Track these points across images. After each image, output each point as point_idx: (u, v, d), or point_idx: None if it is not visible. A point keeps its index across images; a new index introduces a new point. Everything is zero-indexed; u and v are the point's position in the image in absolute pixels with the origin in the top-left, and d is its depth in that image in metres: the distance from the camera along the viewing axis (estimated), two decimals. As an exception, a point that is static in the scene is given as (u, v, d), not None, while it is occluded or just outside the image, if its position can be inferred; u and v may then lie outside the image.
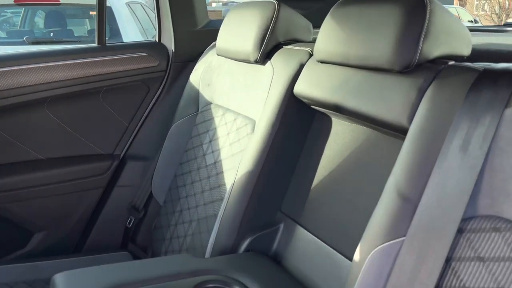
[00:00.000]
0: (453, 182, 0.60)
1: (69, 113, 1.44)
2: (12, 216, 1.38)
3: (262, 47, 1.08)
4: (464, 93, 0.63)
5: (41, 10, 5.33)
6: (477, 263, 0.57)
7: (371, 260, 0.64)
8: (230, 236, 0.99)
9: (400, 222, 0.63)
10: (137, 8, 5.17)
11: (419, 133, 0.66)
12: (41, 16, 5.41)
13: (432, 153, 0.63)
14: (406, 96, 0.71)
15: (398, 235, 0.63)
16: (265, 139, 0.98)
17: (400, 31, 0.72)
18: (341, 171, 0.89)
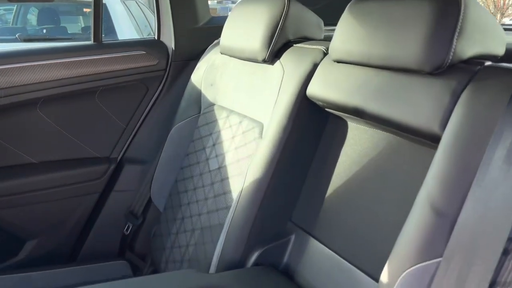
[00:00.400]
0: (497, 197, 0.54)
1: (63, 114, 1.37)
2: (2, 223, 1.31)
3: (271, 46, 1.01)
4: (507, 98, 0.57)
5: (34, 7, 5.22)
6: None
7: (402, 283, 0.58)
8: (237, 248, 0.92)
9: (436, 241, 0.57)
10: (132, 5, 5.07)
11: (455, 141, 0.60)
12: (34, 13, 5.30)
13: (471, 164, 0.57)
14: (437, 99, 0.65)
15: (434, 255, 0.57)
16: (276, 144, 0.91)
17: (431, 28, 0.66)
18: (359, 179, 0.83)
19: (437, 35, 0.65)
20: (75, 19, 5.59)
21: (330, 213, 0.88)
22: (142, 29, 5.19)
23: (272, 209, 0.93)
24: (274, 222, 0.94)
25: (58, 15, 5.16)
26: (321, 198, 0.90)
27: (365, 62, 0.77)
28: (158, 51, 1.44)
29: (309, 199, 0.93)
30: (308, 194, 0.94)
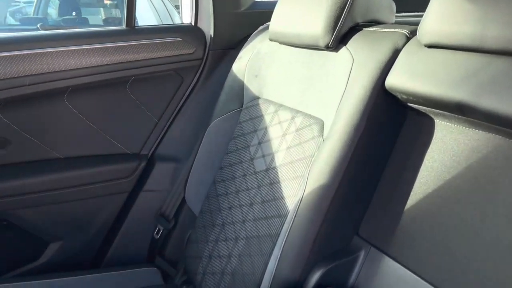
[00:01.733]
0: None
1: (91, 106, 1.25)
2: (24, 224, 1.20)
3: (337, 29, 0.87)
4: None
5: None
6: None
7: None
8: (296, 265, 0.79)
9: None
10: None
11: None
12: (54, 7, 5.26)
13: None
14: None
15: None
16: (346, 145, 0.77)
17: None
18: (453, 190, 0.68)
19: None
20: (96, 11, 5.54)
21: (411, 228, 0.73)
22: (164, 21, 5.10)
23: (339, 221, 0.79)
24: (339, 236, 0.80)
25: (79, 6, 5.11)
26: (398, 210, 0.76)
27: (475, 47, 0.62)
28: (195, 38, 1.31)
29: (382, 211, 0.79)
30: (380, 205, 0.80)
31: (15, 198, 1.16)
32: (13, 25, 4.96)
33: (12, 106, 1.15)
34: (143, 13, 4.44)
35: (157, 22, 4.61)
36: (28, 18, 5.09)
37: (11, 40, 1.13)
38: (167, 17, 5.47)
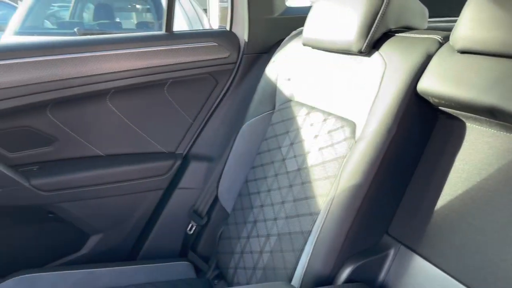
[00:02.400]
0: None
1: (131, 106, 1.32)
2: (68, 217, 1.28)
3: (369, 35, 0.90)
4: None
5: (90, 3, 5.37)
6: None
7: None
8: (327, 261, 0.82)
9: None
10: (184, 1, 5.12)
11: None
12: (88, 12, 5.47)
13: None
14: None
15: None
16: (378, 146, 0.81)
17: None
18: (483, 191, 0.70)
19: None
20: (129, 15, 5.73)
21: (442, 228, 0.76)
22: (193, 24, 5.24)
23: (369, 219, 0.82)
24: (370, 234, 0.83)
25: (113, 11, 5.30)
26: (428, 211, 0.78)
27: (506, 52, 0.65)
28: (229, 42, 1.37)
29: (412, 211, 0.82)
30: (411, 205, 0.82)
31: (61, 192, 1.24)
32: (51, 29, 5.18)
33: (59, 106, 1.23)
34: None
35: (186, 25, 4.74)
36: (65, 22, 5.31)
37: (60, 44, 1.21)
38: (196, 20, 5.61)
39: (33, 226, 1.28)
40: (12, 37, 4.33)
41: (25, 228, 1.27)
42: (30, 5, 4.60)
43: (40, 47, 1.18)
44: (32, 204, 1.22)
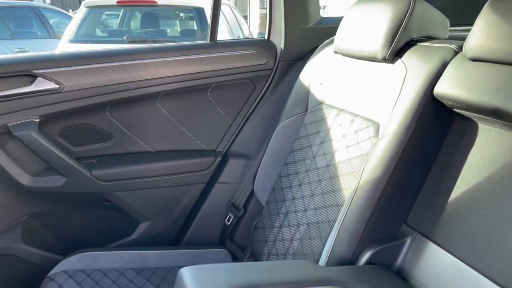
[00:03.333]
0: None
1: (178, 108, 1.47)
2: (122, 205, 1.44)
3: (393, 44, 1.00)
4: None
5: (137, 12, 5.69)
6: None
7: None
8: (349, 246, 0.92)
9: None
10: (226, 9, 5.33)
11: None
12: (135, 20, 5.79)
13: None
14: None
15: None
16: (397, 143, 0.90)
17: None
18: (490, 185, 0.78)
19: None
20: (173, 23, 6.00)
21: (454, 218, 0.84)
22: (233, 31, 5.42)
23: (388, 209, 0.92)
24: (388, 223, 0.93)
25: (158, 19, 5.58)
26: (443, 202, 0.87)
27: (509, 60, 0.73)
28: (267, 50, 1.50)
29: (428, 202, 0.90)
30: (427, 197, 0.91)
31: (115, 182, 1.41)
32: (101, 37, 5.54)
33: (117, 107, 1.40)
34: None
35: (227, 31, 4.92)
36: (115, 31, 5.66)
37: (119, 52, 1.38)
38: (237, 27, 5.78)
39: (92, 212, 1.46)
40: (67, 45, 4.69)
41: (86, 213, 1.45)
42: (83, 16, 4.95)
43: (101, 55, 1.36)
44: (92, 192, 1.39)
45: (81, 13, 4.96)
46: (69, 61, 1.32)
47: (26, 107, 1.27)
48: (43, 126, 1.32)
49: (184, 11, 5.51)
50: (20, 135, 1.27)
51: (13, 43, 6.13)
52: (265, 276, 0.77)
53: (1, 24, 6.59)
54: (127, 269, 1.26)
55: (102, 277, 1.20)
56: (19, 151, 1.31)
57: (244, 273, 0.76)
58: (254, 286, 0.73)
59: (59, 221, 1.43)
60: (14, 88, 1.26)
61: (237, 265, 0.82)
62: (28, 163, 1.33)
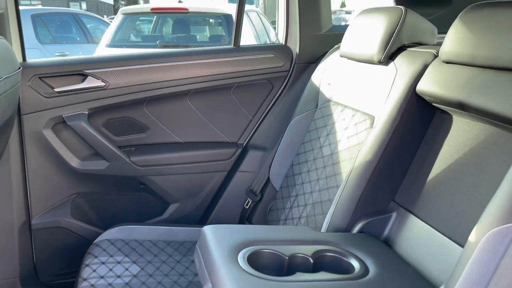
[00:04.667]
0: None
1: (205, 105, 1.68)
2: (155, 188, 1.66)
3: (387, 49, 1.17)
4: None
5: (169, 18, 6.00)
6: None
7: (484, 243, 0.70)
8: (344, 217, 1.10)
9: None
10: (254, 16, 5.55)
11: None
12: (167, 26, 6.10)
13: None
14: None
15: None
16: (385, 132, 1.07)
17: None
18: (459, 165, 0.94)
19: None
20: (203, 29, 6.27)
21: (430, 195, 1.00)
22: (260, 36, 5.64)
23: (377, 188, 1.09)
24: (378, 200, 1.10)
25: (189, 25, 5.87)
26: (423, 182, 1.03)
27: (471, 62, 0.89)
28: (284, 54, 1.69)
29: (412, 183, 1.07)
30: (411, 179, 1.07)
31: (150, 168, 1.63)
32: (136, 42, 5.87)
33: (152, 102, 1.62)
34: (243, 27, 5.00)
35: (253, 37, 5.14)
36: (148, 36, 6.00)
37: (154, 55, 1.61)
38: (263, 32, 5.99)
39: (130, 193, 1.69)
40: (104, 49, 5.03)
41: (124, 194, 1.68)
42: (119, 23, 5.29)
43: (141, 57, 1.59)
44: (130, 175, 1.61)
45: (118, 20, 5.30)
46: (114, 62, 1.55)
47: (78, 101, 1.51)
48: (91, 118, 1.56)
49: (213, 17, 5.78)
50: (73, 124, 1.51)
51: (54, 47, 6.56)
52: (271, 235, 0.95)
53: (43, 29, 7.05)
54: (159, 240, 1.48)
55: (138, 246, 1.42)
56: (71, 138, 1.55)
57: (254, 232, 0.95)
58: (260, 241, 0.92)
59: (102, 200, 1.66)
60: (68, 85, 1.50)
61: (249, 226, 1.00)
62: (78, 149, 1.56)
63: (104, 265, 1.29)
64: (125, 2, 26.89)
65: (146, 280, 1.25)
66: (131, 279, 1.25)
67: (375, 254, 0.95)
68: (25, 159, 1.51)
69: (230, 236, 0.93)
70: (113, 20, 5.63)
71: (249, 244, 0.91)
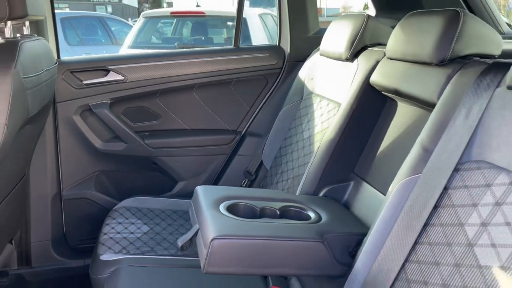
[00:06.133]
0: (456, 137, 0.88)
1: (208, 97, 1.96)
2: (165, 167, 1.95)
3: (352, 49, 1.42)
4: (474, 79, 0.90)
5: (188, 21, 6.34)
6: (464, 189, 0.84)
7: (395, 190, 0.94)
8: (312, 185, 1.35)
9: (419, 164, 0.92)
10: (268, 18, 5.82)
11: (442, 106, 0.94)
12: (187, 28, 6.43)
13: (447, 118, 0.91)
14: (439, 81, 0.99)
15: (417, 172, 0.92)
16: (345, 116, 1.32)
17: (439, 35, 1.00)
18: (398, 139, 1.19)
19: (442, 40, 0.99)
20: (220, 31, 6.58)
21: (379, 164, 1.25)
22: (273, 37, 5.90)
23: (338, 161, 1.34)
24: (340, 171, 1.34)
25: (207, 28, 6.18)
26: (374, 155, 1.28)
27: (403, 58, 1.14)
28: (277, 54, 1.95)
29: (367, 157, 1.31)
30: (367, 153, 1.32)
31: (161, 149, 1.92)
32: (156, 43, 6.23)
33: (164, 94, 1.91)
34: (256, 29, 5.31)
35: (267, 39, 5.40)
36: (168, 38, 6.35)
37: (166, 54, 1.90)
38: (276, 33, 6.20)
39: (144, 171, 1.98)
40: (127, 51, 5.39)
41: (139, 171, 1.97)
42: (141, 26, 5.65)
43: (154, 56, 1.88)
44: (144, 156, 1.91)
45: (140, 23, 5.66)
46: (132, 59, 1.85)
47: (101, 92, 1.81)
48: (112, 106, 1.86)
49: (230, 20, 6.07)
50: (97, 112, 1.81)
51: (81, 49, 6.99)
52: (249, 194, 1.21)
53: (72, 31, 7.50)
54: (166, 209, 1.76)
55: (149, 212, 1.71)
56: (95, 123, 1.85)
57: (235, 191, 1.21)
58: (239, 197, 1.18)
59: (120, 176, 1.96)
60: (94, 79, 1.80)
61: (232, 188, 1.27)
62: (101, 132, 1.86)
63: (120, 224, 1.58)
64: (149, 5, 27.61)
65: (154, 237, 1.53)
66: (142, 235, 1.53)
67: (331, 210, 1.20)
68: (58, 140, 1.82)
69: (215, 193, 1.20)
70: (135, 23, 5.99)
71: (230, 199, 1.18)
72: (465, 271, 0.77)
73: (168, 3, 27.36)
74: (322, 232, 1.04)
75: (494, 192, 0.79)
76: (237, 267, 0.96)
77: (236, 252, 0.96)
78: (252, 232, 0.99)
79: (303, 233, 1.03)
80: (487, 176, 0.81)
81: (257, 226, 1.04)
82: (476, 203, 0.81)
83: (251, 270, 0.99)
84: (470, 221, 0.80)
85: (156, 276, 1.28)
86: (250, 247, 0.97)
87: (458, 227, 0.82)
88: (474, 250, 0.78)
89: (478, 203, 0.80)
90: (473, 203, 0.81)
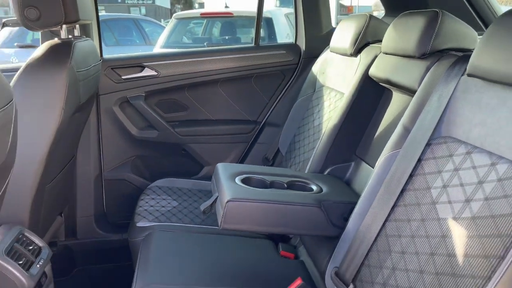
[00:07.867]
0: (429, 117, 1.05)
1: (231, 90, 2.18)
2: (192, 153, 2.18)
3: (355, 45, 1.60)
4: (446, 69, 1.07)
5: (218, 22, 6.60)
6: (433, 160, 1.01)
7: (380, 163, 1.12)
8: (318, 164, 1.54)
9: (400, 141, 1.10)
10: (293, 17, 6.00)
11: (420, 92, 1.12)
12: (217, 27, 6.69)
13: (423, 102, 1.09)
14: (420, 72, 1.17)
15: (398, 147, 1.10)
16: (347, 104, 1.51)
17: (420, 32, 1.18)
18: (389, 123, 1.37)
19: (423, 37, 1.17)
20: (248, 31, 6.81)
21: (376, 145, 1.43)
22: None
23: (341, 144, 1.52)
24: (342, 152, 1.53)
25: (235, 28, 6.42)
26: (372, 138, 1.46)
27: (393, 53, 1.31)
28: (294, 51, 2.15)
29: (366, 140, 1.50)
30: (367, 137, 1.50)
31: (190, 137, 2.15)
32: (187, 43, 6.53)
33: (192, 88, 2.15)
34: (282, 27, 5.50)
35: (291, 35, 5.59)
36: (198, 38, 6.64)
37: (195, 52, 2.13)
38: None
39: (174, 157, 2.22)
40: (160, 50, 5.71)
41: (170, 156, 2.22)
42: (173, 27, 5.95)
43: (183, 53, 2.12)
44: (174, 142, 2.15)
45: (172, 24, 5.97)
46: (164, 57, 2.09)
47: (138, 85, 2.07)
48: (147, 99, 2.11)
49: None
50: (134, 103, 2.06)
51: (117, 49, 7.39)
52: (262, 171, 1.42)
53: (108, 33, 7.91)
54: (193, 189, 1.99)
55: (178, 190, 1.94)
56: (132, 113, 2.11)
57: (250, 168, 1.43)
58: (253, 172, 1.39)
59: (153, 160, 2.21)
60: (131, 74, 2.06)
61: (248, 165, 1.48)
62: (137, 121, 2.12)
63: (153, 200, 1.83)
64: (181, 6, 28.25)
65: (181, 210, 1.76)
66: (171, 209, 1.77)
67: (332, 185, 1.39)
68: (100, 128, 2.08)
69: (233, 169, 1.41)
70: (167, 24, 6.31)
71: (245, 173, 1.39)
72: (428, 224, 0.95)
73: (199, 4, 27.88)
74: (321, 200, 1.23)
75: (454, 160, 0.96)
76: (247, 224, 1.17)
77: (247, 212, 1.17)
78: (260, 197, 1.20)
79: (304, 200, 1.23)
80: (451, 148, 0.99)
81: (265, 193, 1.24)
82: (440, 170, 0.98)
83: (259, 228, 1.20)
84: (435, 184, 0.98)
85: (182, 239, 1.50)
86: (259, 208, 1.18)
87: (426, 190, 1.00)
88: (436, 207, 0.95)
89: (442, 170, 0.98)
90: (438, 170, 0.99)
